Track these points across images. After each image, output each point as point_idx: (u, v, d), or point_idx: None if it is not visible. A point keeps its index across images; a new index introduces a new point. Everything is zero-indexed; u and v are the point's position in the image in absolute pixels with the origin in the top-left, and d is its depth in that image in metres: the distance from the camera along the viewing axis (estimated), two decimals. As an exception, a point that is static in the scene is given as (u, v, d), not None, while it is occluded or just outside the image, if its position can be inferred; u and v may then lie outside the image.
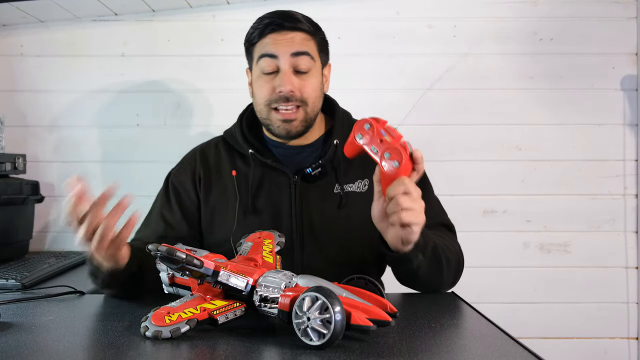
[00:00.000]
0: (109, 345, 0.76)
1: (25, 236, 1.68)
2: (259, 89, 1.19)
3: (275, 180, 1.21)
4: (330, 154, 1.21)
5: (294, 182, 1.20)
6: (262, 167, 1.22)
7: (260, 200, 1.20)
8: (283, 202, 1.19)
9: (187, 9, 1.83)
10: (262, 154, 1.22)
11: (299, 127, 1.19)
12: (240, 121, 1.28)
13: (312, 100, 1.18)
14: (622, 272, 1.85)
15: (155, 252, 0.78)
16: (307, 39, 1.17)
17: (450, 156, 1.84)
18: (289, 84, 1.14)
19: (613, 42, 1.85)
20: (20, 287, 1.18)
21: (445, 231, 1.22)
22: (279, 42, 1.15)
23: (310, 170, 1.19)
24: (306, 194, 1.20)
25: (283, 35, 1.16)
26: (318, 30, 1.21)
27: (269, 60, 1.16)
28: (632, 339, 1.85)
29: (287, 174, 1.20)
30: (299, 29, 1.16)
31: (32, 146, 1.84)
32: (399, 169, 0.92)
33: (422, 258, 1.02)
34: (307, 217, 1.19)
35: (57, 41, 1.84)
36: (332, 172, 1.21)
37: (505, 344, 0.78)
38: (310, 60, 1.17)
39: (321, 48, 1.21)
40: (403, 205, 0.92)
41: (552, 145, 1.85)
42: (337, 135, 1.23)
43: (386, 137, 0.94)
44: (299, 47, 1.15)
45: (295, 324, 0.74)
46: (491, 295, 1.84)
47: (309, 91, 1.17)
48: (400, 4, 1.85)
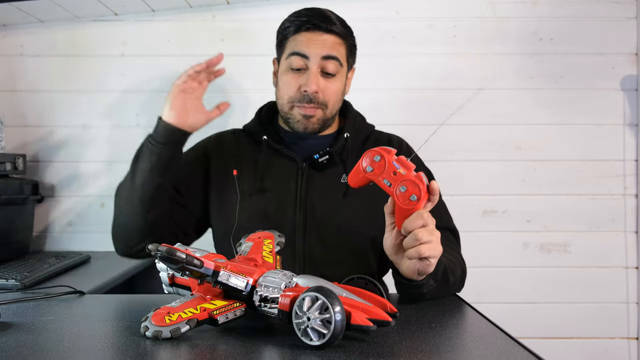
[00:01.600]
0: (109, 345, 0.76)
1: (25, 236, 1.68)
2: (285, 84, 1.22)
3: (284, 165, 1.24)
4: (340, 145, 1.24)
5: (302, 169, 1.23)
6: (273, 153, 1.25)
7: (267, 182, 1.23)
8: (289, 186, 1.22)
9: (187, 9, 1.83)
10: (275, 140, 1.27)
11: (316, 125, 1.22)
12: (259, 114, 1.33)
13: (332, 103, 1.22)
14: (622, 272, 1.85)
15: (155, 252, 0.78)
16: (338, 44, 1.21)
17: (450, 156, 1.84)
18: (315, 84, 1.18)
19: (613, 42, 1.85)
20: (20, 287, 1.18)
21: (450, 237, 1.23)
22: (313, 42, 1.18)
23: (318, 156, 1.22)
24: (313, 180, 1.22)
25: (317, 35, 1.18)
26: (350, 35, 1.24)
27: (300, 58, 1.19)
28: (632, 339, 1.85)
29: (296, 160, 1.23)
30: (333, 31, 1.19)
31: (32, 146, 1.84)
32: (417, 203, 0.90)
33: (433, 283, 1.01)
34: (311, 203, 1.21)
35: (57, 41, 1.84)
36: (340, 163, 1.24)
37: (505, 344, 0.78)
38: (338, 65, 1.20)
39: (350, 53, 1.25)
40: (422, 240, 0.90)
41: (552, 145, 1.85)
42: (348, 130, 1.26)
43: (400, 169, 0.90)
44: (330, 51, 1.19)
45: (295, 324, 0.74)
46: (491, 295, 1.84)
47: (331, 94, 1.21)
48: (400, 4, 1.85)
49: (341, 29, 1.21)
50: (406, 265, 0.96)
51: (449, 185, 1.81)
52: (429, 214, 0.92)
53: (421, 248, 0.91)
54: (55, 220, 1.84)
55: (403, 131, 1.37)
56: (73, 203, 1.84)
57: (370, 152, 0.93)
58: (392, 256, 0.99)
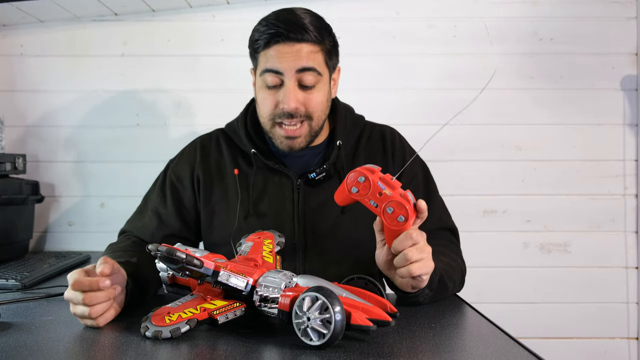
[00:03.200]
0: (109, 345, 0.76)
1: (25, 236, 1.68)
2: (263, 102, 1.14)
3: (278, 183, 1.19)
4: (334, 156, 1.19)
5: (297, 187, 1.18)
6: (264, 169, 1.20)
7: (262, 204, 1.18)
8: (286, 206, 1.17)
9: (187, 9, 1.83)
10: (265, 154, 1.20)
11: (302, 143, 1.16)
12: (245, 116, 1.24)
13: (318, 114, 1.14)
14: (622, 272, 1.85)
15: (155, 252, 0.78)
16: (314, 52, 1.10)
17: (450, 156, 1.84)
18: (293, 101, 1.10)
19: (613, 42, 1.85)
20: (20, 287, 1.18)
21: (449, 236, 1.22)
22: (284, 55, 1.08)
23: (315, 175, 1.16)
24: (309, 198, 1.18)
25: (289, 47, 1.08)
26: (326, 37, 1.13)
27: (274, 75, 1.10)
28: (632, 339, 1.85)
29: (291, 177, 1.18)
30: (306, 40, 1.08)
31: (32, 146, 1.84)
32: (404, 224, 0.89)
33: (429, 292, 1.01)
34: (310, 221, 1.17)
35: (57, 41, 1.84)
36: (335, 174, 1.19)
37: (505, 344, 0.78)
38: (317, 76, 1.11)
39: (330, 56, 1.15)
40: (412, 259, 0.90)
41: (552, 145, 1.85)
42: (340, 136, 1.20)
43: (385, 190, 0.89)
44: (305, 63, 1.09)
45: (295, 324, 0.74)
46: (491, 295, 1.84)
47: (314, 105, 1.12)
48: (400, 4, 1.85)
49: (314, 34, 1.09)
50: (399, 281, 0.96)
51: (449, 185, 1.81)
52: (419, 232, 0.91)
53: (411, 267, 0.90)
54: (55, 220, 1.84)
55: (403, 131, 1.37)
56: (73, 203, 1.84)
57: (354, 172, 0.92)
58: (385, 271, 0.99)
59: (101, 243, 1.81)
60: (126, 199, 1.74)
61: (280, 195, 1.18)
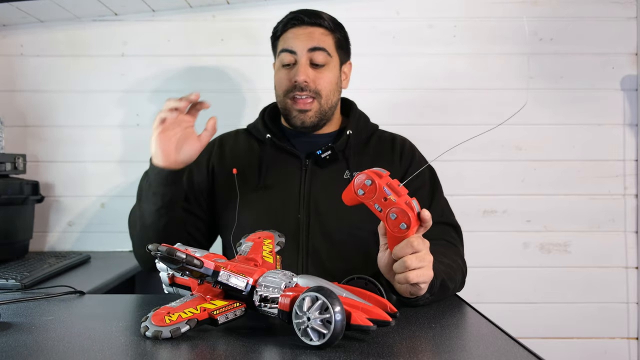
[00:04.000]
0: (109, 345, 0.76)
1: (25, 236, 1.68)
2: (279, 80, 1.27)
3: (287, 161, 1.26)
4: (343, 142, 1.26)
5: (305, 165, 1.25)
6: (276, 150, 1.28)
7: (270, 178, 1.25)
8: (293, 182, 1.24)
9: (187, 9, 1.83)
10: (278, 138, 1.29)
11: (313, 118, 1.25)
12: (263, 114, 1.35)
13: (326, 92, 1.25)
14: (622, 272, 1.85)
15: (155, 252, 0.78)
16: (325, 35, 1.25)
17: (450, 156, 1.83)
18: (303, 74, 1.22)
19: (613, 42, 1.85)
20: (20, 287, 1.18)
21: (452, 233, 1.23)
22: (298, 36, 1.23)
23: (320, 152, 1.24)
24: (316, 176, 1.24)
25: (303, 29, 1.24)
26: (338, 29, 1.28)
27: (289, 54, 1.24)
28: (632, 339, 1.85)
29: (299, 156, 1.26)
30: (319, 24, 1.24)
31: (32, 146, 1.84)
32: (406, 231, 0.89)
33: (429, 297, 1.00)
34: (315, 198, 1.22)
35: (57, 41, 1.84)
36: (343, 160, 1.26)
37: (505, 344, 0.78)
38: (327, 56, 1.24)
39: (339, 45, 1.28)
40: (411, 267, 0.90)
41: (552, 145, 1.85)
42: (351, 127, 1.28)
43: (391, 196, 0.89)
44: (317, 43, 1.23)
45: (295, 324, 0.74)
46: (491, 295, 1.84)
47: (323, 83, 1.24)
48: (400, 4, 1.85)
49: (328, 22, 1.25)
50: (397, 286, 0.96)
51: (449, 185, 1.79)
52: (421, 240, 0.91)
53: (409, 275, 0.91)
54: (55, 220, 1.84)
55: (403, 131, 1.37)
56: (73, 203, 1.84)
57: (362, 174, 0.92)
58: (386, 274, 0.99)
59: (101, 243, 1.82)
60: (126, 199, 1.74)
61: (288, 171, 1.26)
